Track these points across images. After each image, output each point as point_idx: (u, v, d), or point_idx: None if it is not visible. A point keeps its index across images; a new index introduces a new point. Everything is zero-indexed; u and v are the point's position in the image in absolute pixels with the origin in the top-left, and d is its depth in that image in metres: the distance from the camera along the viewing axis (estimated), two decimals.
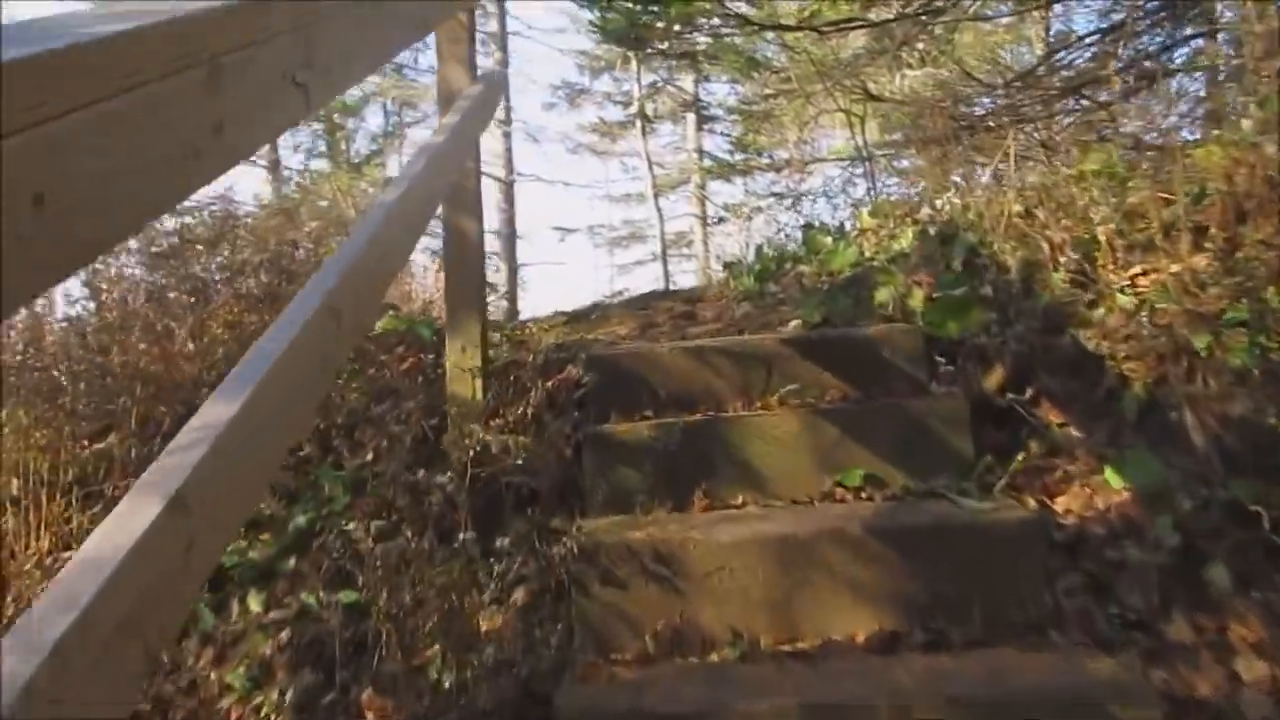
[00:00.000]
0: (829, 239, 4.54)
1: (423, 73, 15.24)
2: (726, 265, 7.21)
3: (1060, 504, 2.31)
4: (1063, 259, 2.76)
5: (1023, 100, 7.45)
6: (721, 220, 18.55)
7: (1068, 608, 2.03)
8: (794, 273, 4.38)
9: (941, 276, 3.13)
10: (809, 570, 2.06)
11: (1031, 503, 2.31)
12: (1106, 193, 3.10)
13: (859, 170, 10.61)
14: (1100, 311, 2.67)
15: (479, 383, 2.97)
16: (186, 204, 5.25)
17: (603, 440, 2.55)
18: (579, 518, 2.45)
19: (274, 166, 14.19)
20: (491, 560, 2.32)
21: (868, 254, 4.04)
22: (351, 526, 2.73)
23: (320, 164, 14.28)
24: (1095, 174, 3.42)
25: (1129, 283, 2.72)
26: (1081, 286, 2.75)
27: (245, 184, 15.47)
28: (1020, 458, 2.45)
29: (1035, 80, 7.22)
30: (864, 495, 2.40)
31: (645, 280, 19.07)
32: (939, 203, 4.41)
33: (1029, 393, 2.63)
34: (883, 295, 3.27)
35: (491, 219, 14.86)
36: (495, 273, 15.04)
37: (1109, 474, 2.33)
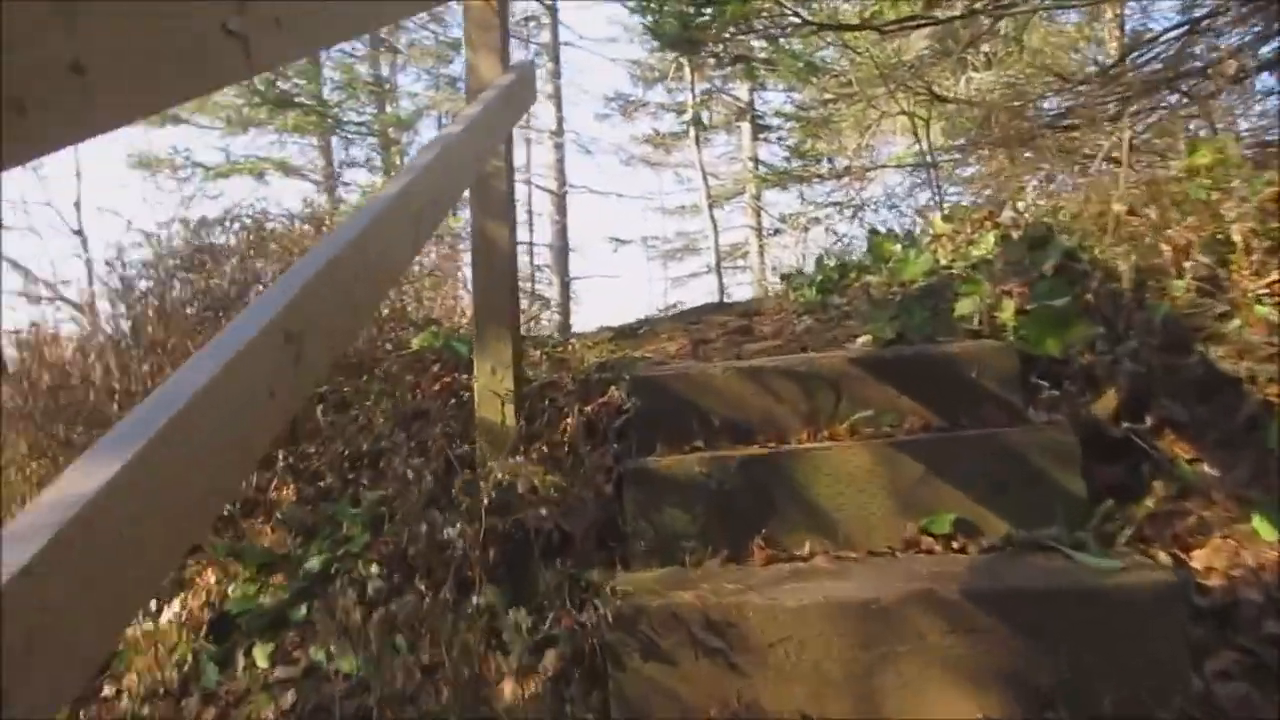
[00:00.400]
0: (897, 246, 4.14)
1: None
2: (784, 277, 6.83)
3: (1199, 560, 1.89)
4: (1188, 264, 2.34)
5: (1104, 97, 6.93)
6: (778, 232, 18.12)
7: (1223, 696, 1.61)
8: (860, 283, 3.99)
9: (1036, 286, 2.71)
10: (894, 643, 1.68)
11: (1163, 557, 1.89)
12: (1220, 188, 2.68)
13: (921, 177, 10.14)
14: (1235, 324, 2.24)
15: (510, 408, 2.65)
16: (214, 213, 5.06)
17: (646, 476, 2.20)
18: (619, 567, 2.11)
19: (327, 179, 14.19)
20: (517, 618, 1.98)
21: (943, 261, 3.63)
22: (370, 571, 2.44)
23: (376, 178, 14.24)
24: (1207, 168, 2.98)
25: (1267, 290, 2.29)
26: (1209, 295, 2.32)
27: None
28: (1145, 502, 2.03)
29: (1114, 76, 6.70)
30: (955, 546, 2.01)
31: (699, 293, 18.74)
32: (1022, 204, 3.98)
33: (1149, 421, 2.21)
34: (966, 307, 2.87)
35: (544, 231, 14.67)
36: (548, 286, 14.83)
37: (1258, 523, 1.91)
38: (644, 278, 24.08)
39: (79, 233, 9.83)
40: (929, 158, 9.05)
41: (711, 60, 10.68)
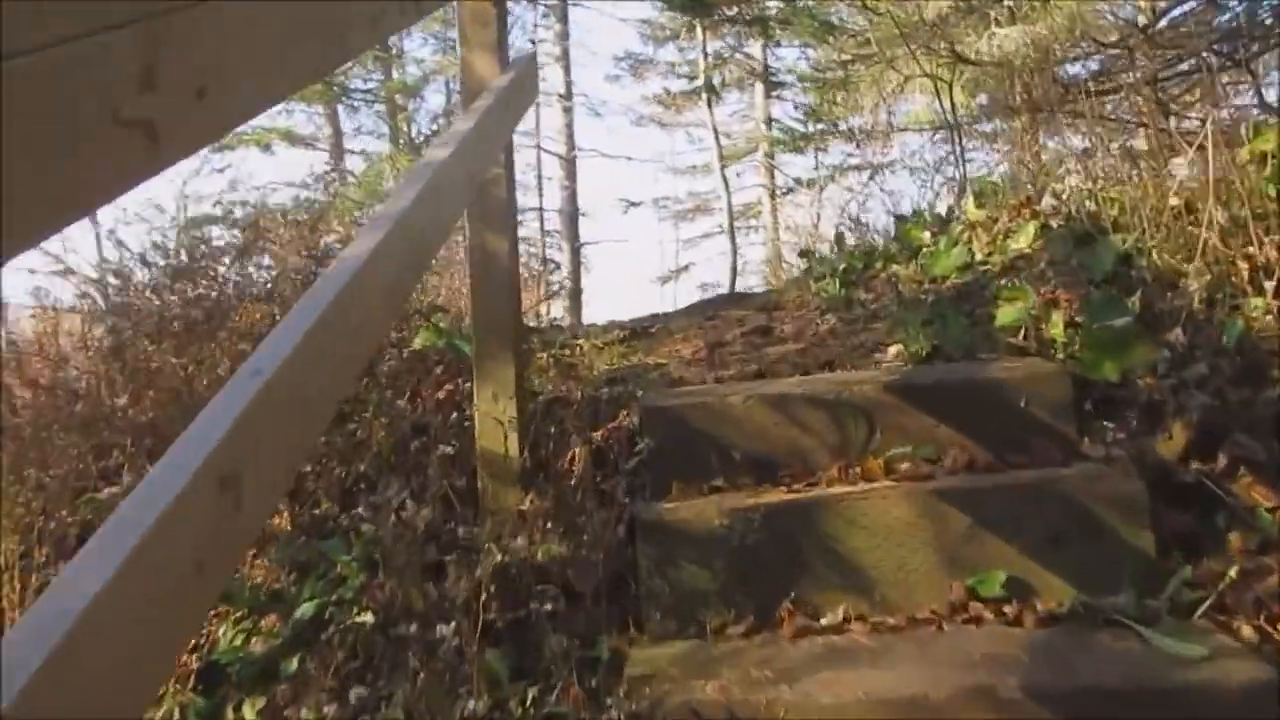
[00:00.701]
0: (926, 233, 3.86)
1: None
2: (803, 254, 6.55)
3: None
4: (1270, 283, 2.07)
5: (1138, 59, 6.55)
6: (790, 191, 17.72)
7: None
8: (886, 275, 3.73)
9: (1091, 297, 2.45)
10: None
11: (1247, 631, 1.67)
12: None
13: (941, 139, 9.74)
14: None
15: (513, 436, 2.43)
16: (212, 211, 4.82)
17: (660, 529, 1.98)
18: (632, 630, 1.90)
19: (335, 149, 13.89)
20: (515, 698, 1.78)
21: (978, 255, 3.36)
22: (364, 619, 2.25)
23: (382, 145, 13.94)
24: (1273, 155, 2.69)
25: None
26: None
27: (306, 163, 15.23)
28: (1223, 560, 1.80)
29: (1149, 36, 6.31)
30: (1008, 613, 1.79)
31: (712, 253, 18.39)
32: (1060, 187, 3.69)
33: (1222, 461, 1.97)
34: (1008, 316, 2.61)
35: (553, 196, 14.36)
36: (558, 251, 14.53)
37: None
38: (655, 240, 23.65)
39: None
40: (951, 120, 8.66)
41: (725, 23, 10.27)
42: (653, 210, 18.48)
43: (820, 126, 12.58)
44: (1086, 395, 2.23)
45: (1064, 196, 3.57)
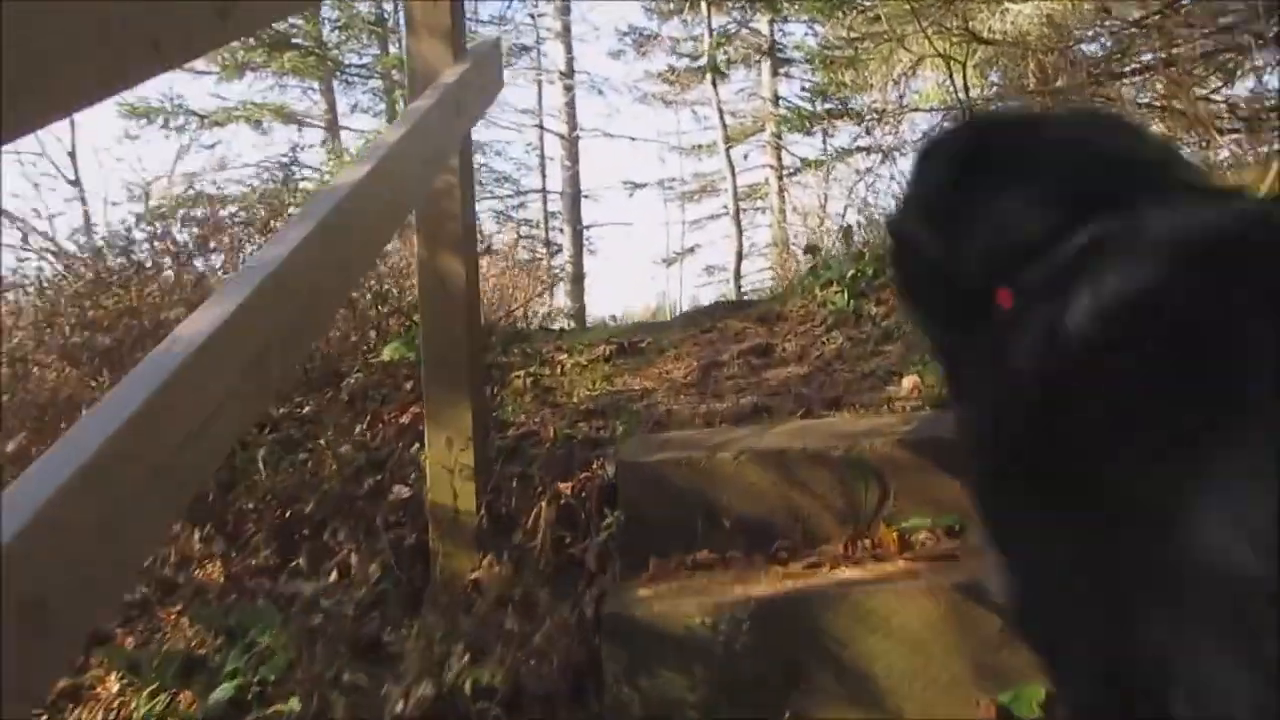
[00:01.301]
0: None
1: (482, 24, 14.26)
2: (809, 249, 6.16)
3: None
4: None
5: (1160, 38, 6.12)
6: (797, 171, 17.26)
7: None
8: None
9: None
10: None
11: None
12: None
13: (952, 120, 9.28)
14: None
15: (469, 489, 2.10)
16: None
17: (630, 628, 1.63)
18: None
19: (331, 126, 13.49)
20: None
21: None
22: (288, 708, 1.92)
23: (379, 123, 13.52)
24: None
25: None
26: None
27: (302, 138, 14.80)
28: None
29: (1182, 12, 5.86)
30: None
31: (717, 234, 17.96)
32: None
33: None
34: None
35: (555, 178, 13.94)
36: (560, 234, 14.14)
37: None
38: (661, 221, 23.19)
39: (75, 182, 9.34)
40: (965, 103, 8.22)
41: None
42: (658, 191, 18.05)
43: (828, 106, 12.13)
44: None
45: None
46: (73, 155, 9.53)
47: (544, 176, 14.44)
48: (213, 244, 3.42)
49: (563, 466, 2.21)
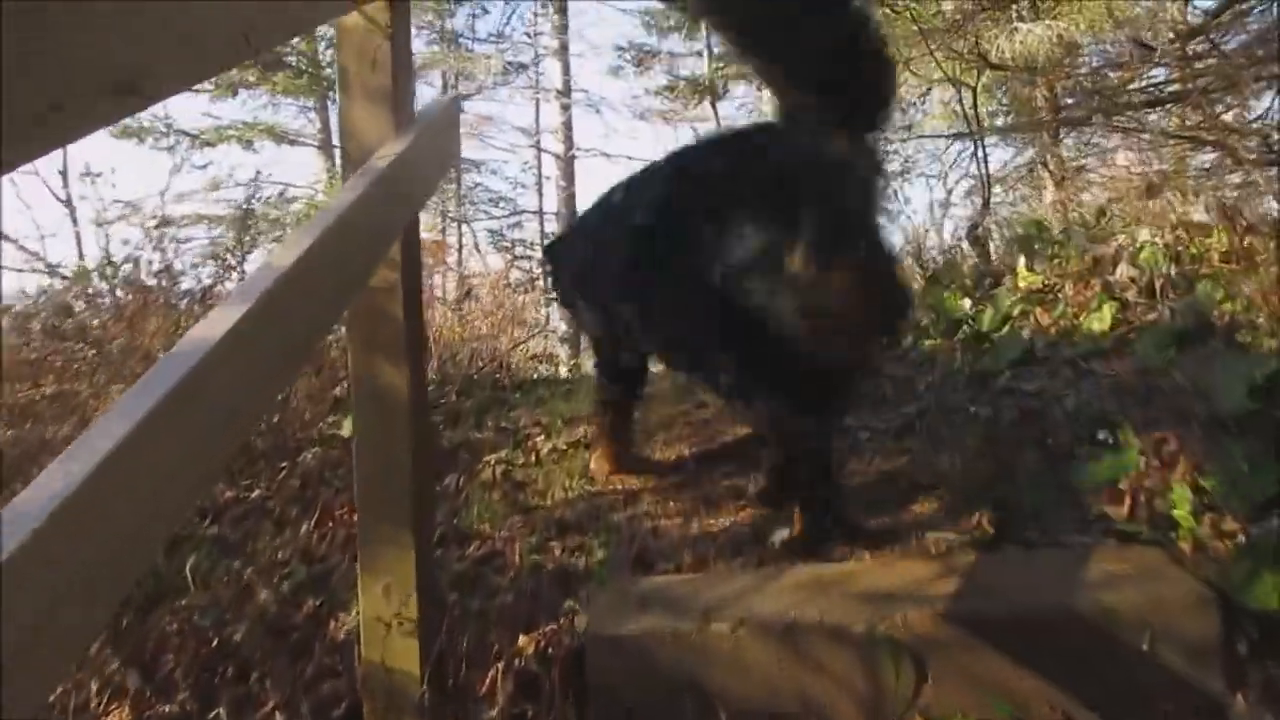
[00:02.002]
0: (965, 300, 3.10)
1: (480, 41, 13.93)
2: None
3: None
4: None
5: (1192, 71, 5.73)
6: None
7: None
8: (915, 354, 2.98)
9: (1226, 454, 1.70)
10: None
11: None
12: None
13: (962, 146, 8.91)
14: None
15: (414, 648, 1.71)
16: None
17: None
18: None
19: (324, 145, 13.13)
20: None
21: (1039, 343, 2.61)
22: None
23: None
24: None
25: None
26: None
27: (295, 158, 14.44)
28: None
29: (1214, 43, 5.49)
30: None
31: None
32: (1140, 242, 2.92)
33: None
34: (1103, 471, 1.86)
35: (551, 199, 13.58)
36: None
37: None
38: None
39: (67, 202, 9.02)
40: (976, 130, 7.84)
41: None
42: None
43: None
44: (1238, 629, 1.49)
45: (1140, 253, 2.81)
46: (64, 174, 9.20)
47: (540, 196, 14.07)
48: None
49: (527, 613, 1.83)
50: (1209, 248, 3.02)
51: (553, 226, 13.90)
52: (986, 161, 7.76)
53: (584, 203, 15.47)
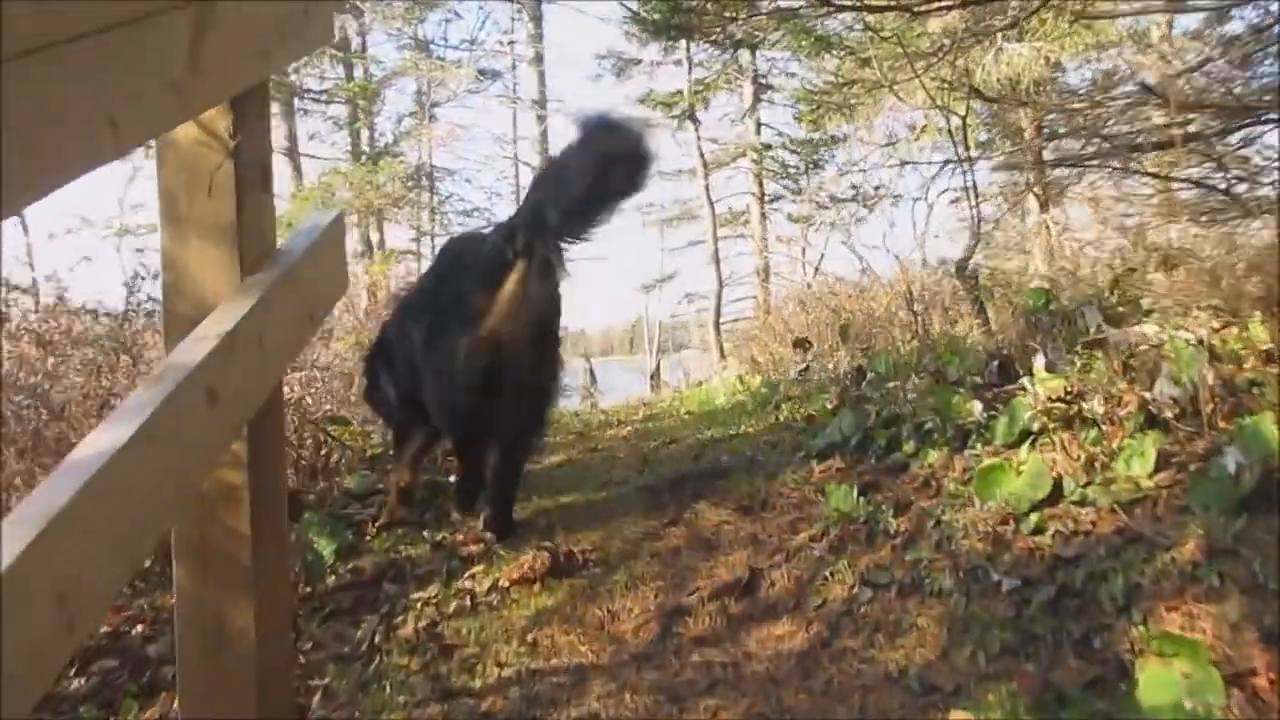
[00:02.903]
0: (975, 403, 2.65)
1: (453, 48, 13.35)
2: (798, 344, 5.36)
3: None
4: None
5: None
6: (778, 198, 16.48)
7: None
8: (923, 470, 2.53)
9: None
10: None
11: None
12: None
13: (950, 171, 8.49)
14: None
15: None
16: None
17: None
18: None
19: (290, 154, 12.52)
20: None
21: (1069, 487, 2.16)
22: None
23: (336, 151, 12.57)
24: None
25: None
26: None
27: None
28: None
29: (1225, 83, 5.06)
30: None
31: (698, 262, 17.09)
32: (1174, 345, 2.48)
33: None
34: (1161, 693, 1.43)
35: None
36: None
37: None
38: (640, 246, 22.29)
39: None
40: (963, 156, 7.41)
41: (710, 48, 8.95)
42: (637, 216, 17.16)
43: (815, 156, 11.35)
44: None
45: (1188, 368, 2.37)
46: None
47: (517, 206, 13.51)
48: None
49: None
50: (1248, 342, 2.60)
51: None
52: (977, 194, 7.33)
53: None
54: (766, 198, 16.00)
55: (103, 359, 2.46)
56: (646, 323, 18.80)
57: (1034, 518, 2.11)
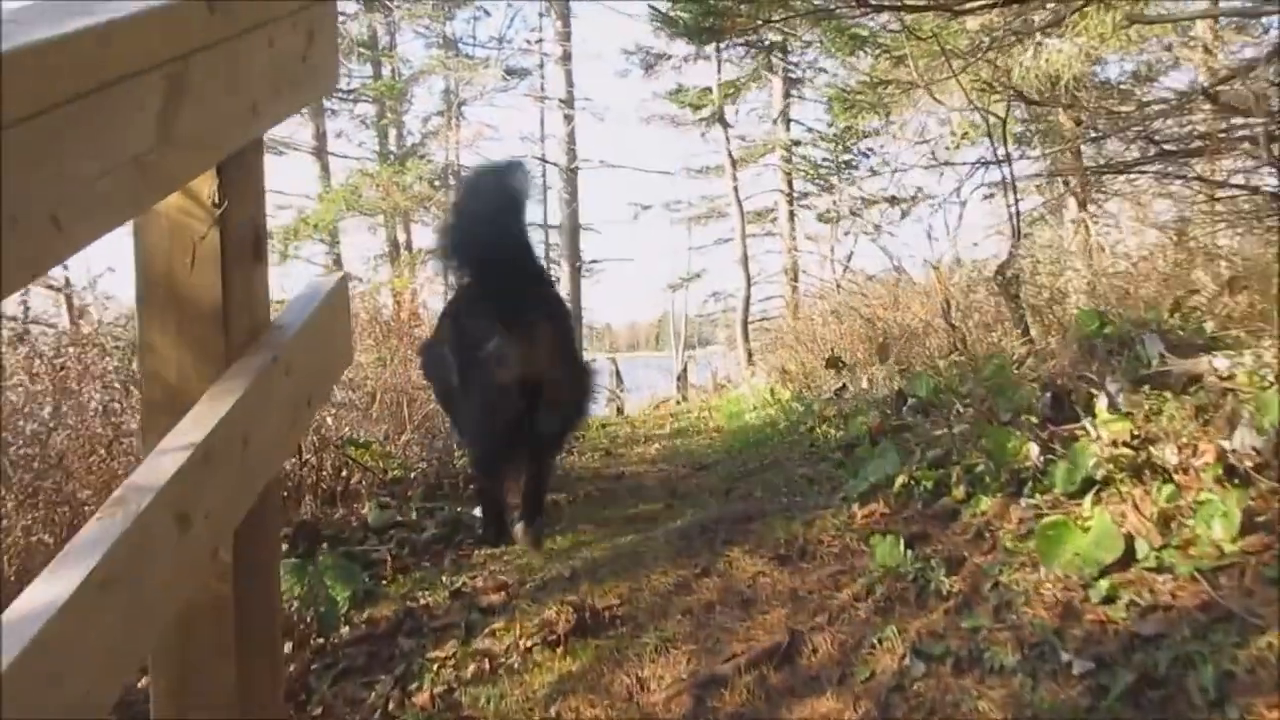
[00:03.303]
0: (1033, 445, 2.45)
1: (481, 46, 13.23)
2: (831, 363, 5.16)
3: None
4: None
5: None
6: (807, 195, 16.20)
7: None
8: (974, 519, 2.35)
9: None
10: None
11: None
12: None
13: (992, 172, 8.21)
14: None
15: None
16: None
17: None
18: None
19: (318, 153, 12.49)
20: None
21: (1142, 549, 1.97)
22: None
23: (364, 151, 12.50)
24: None
25: None
26: None
27: (291, 169, 13.75)
28: None
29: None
30: None
31: (725, 259, 16.90)
32: (1256, 389, 2.28)
33: None
34: None
35: (555, 212, 12.92)
36: (556, 268, 13.10)
37: None
38: (665, 248, 22.12)
39: None
40: (1003, 157, 7.14)
41: (741, 48, 8.72)
42: (664, 214, 16.98)
43: (846, 157, 11.09)
44: None
45: (1262, 411, 2.16)
46: None
47: (544, 208, 13.39)
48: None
49: None
50: None
51: (555, 239, 13.27)
52: (1017, 195, 7.07)
53: (586, 215, 14.87)
54: (795, 195, 15.74)
55: (109, 399, 2.34)
56: (673, 320, 18.61)
57: (1104, 584, 1.92)
